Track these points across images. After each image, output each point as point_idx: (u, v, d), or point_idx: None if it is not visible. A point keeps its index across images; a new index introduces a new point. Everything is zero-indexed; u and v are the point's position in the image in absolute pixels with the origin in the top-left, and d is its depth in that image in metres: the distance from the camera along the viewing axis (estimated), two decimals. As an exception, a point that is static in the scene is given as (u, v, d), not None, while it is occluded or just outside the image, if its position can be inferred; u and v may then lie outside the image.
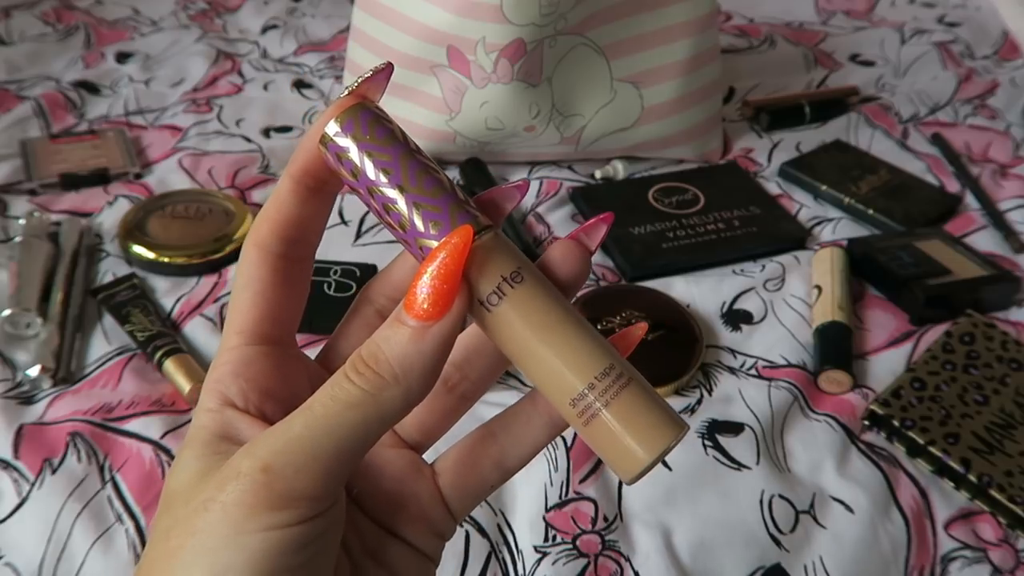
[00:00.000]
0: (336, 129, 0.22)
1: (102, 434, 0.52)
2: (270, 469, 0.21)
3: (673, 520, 0.49)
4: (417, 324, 0.21)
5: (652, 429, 0.22)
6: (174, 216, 0.69)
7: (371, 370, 0.21)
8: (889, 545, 0.49)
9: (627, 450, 0.22)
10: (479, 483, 0.27)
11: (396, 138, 0.23)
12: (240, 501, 0.20)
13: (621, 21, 0.73)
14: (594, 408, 0.22)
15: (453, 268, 0.21)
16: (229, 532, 0.20)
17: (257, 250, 0.24)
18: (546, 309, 0.22)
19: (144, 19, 1.03)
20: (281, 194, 0.24)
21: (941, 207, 0.76)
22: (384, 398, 0.21)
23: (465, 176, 0.77)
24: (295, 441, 0.21)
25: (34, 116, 0.83)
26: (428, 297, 0.21)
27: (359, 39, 0.76)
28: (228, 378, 0.24)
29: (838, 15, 1.12)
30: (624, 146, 0.78)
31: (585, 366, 0.22)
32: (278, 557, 0.20)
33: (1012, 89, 0.95)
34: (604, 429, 0.22)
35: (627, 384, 0.23)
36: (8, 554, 0.47)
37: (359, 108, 0.23)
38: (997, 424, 0.55)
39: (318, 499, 0.21)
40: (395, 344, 0.21)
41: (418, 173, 0.22)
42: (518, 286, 0.22)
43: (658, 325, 0.60)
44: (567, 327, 0.23)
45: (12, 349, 0.58)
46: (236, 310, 0.24)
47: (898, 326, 0.64)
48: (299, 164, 0.24)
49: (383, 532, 0.26)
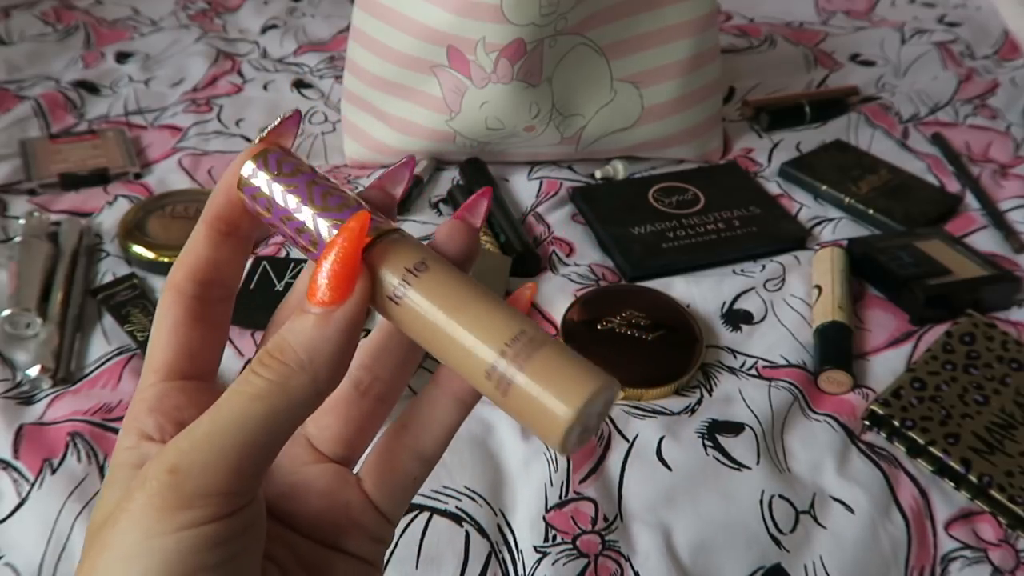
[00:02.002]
0: (250, 170, 0.24)
1: (102, 434, 0.52)
2: (177, 469, 0.20)
3: (673, 520, 0.49)
4: (320, 310, 0.22)
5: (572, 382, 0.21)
6: (174, 216, 0.69)
7: (276, 360, 0.21)
8: (889, 545, 0.49)
9: (547, 411, 0.21)
10: (402, 478, 0.26)
11: (302, 171, 0.24)
12: (148, 504, 0.20)
13: (621, 21, 0.73)
14: (508, 374, 0.21)
15: (350, 251, 0.22)
16: (139, 537, 0.20)
17: (172, 292, 0.25)
18: (451, 290, 0.22)
19: (144, 19, 1.03)
20: (195, 239, 0.25)
21: (941, 207, 0.76)
22: (291, 386, 0.21)
23: (465, 176, 0.77)
24: (201, 439, 0.21)
25: (34, 116, 0.83)
26: (329, 282, 0.22)
27: (359, 39, 0.76)
28: (143, 414, 0.24)
29: (838, 15, 1.12)
30: (624, 146, 0.78)
31: (494, 336, 0.22)
32: (193, 556, 0.20)
33: (1012, 89, 0.95)
34: (521, 395, 0.21)
35: (540, 345, 0.22)
36: (8, 554, 0.47)
37: (269, 151, 0.24)
38: (997, 424, 0.55)
39: (230, 495, 0.21)
40: (300, 332, 0.22)
41: (323, 194, 0.24)
42: (423, 274, 0.23)
43: (658, 325, 0.60)
44: (475, 304, 0.22)
45: (12, 349, 0.58)
46: (152, 350, 0.25)
47: (898, 326, 0.64)
48: (212, 210, 0.24)
49: (319, 547, 0.26)
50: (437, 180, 0.78)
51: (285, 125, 0.25)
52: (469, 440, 0.52)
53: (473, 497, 0.50)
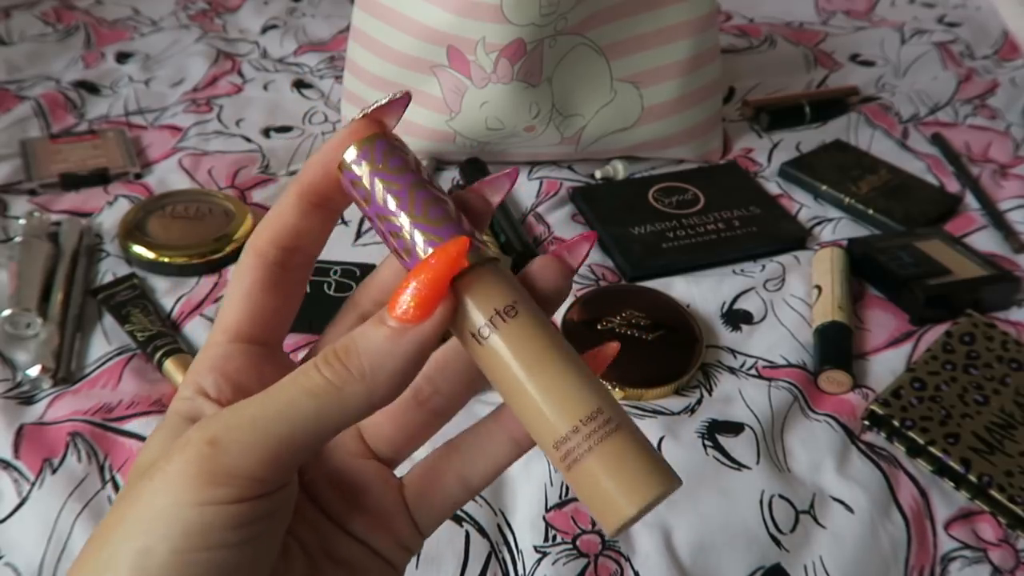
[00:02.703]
0: (353, 156, 0.23)
1: (102, 434, 0.52)
2: (217, 442, 0.20)
3: (673, 520, 0.49)
4: (396, 325, 0.21)
5: (638, 480, 0.21)
6: (174, 216, 0.69)
7: (340, 362, 0.21)
8: (889, 545, 0.49)
9: (610, 500, 0.21)
10: (443, 498, 0.26)
11: (408, 167, 0.23)
12: (183, 471, 0.20)
13: (621, 21, 0.73)
14: (577, 453, 0.21)
15: (441, 275, 0.21)
16: (168, 502, 0.20)
17: (254, 255, 0.24)
18: (537, 347, 0.22)
19: (144, 19, 1.03)
20: (284, 204, 0.24)
21: (941, 207, 0.76)
22: (347, 392, 0.21)
23: (465, 176, 0.77)
24: (247, 419, 0.21)
25: (34, 116, 0.83)
26: (412, 300, 0.21)
27: (359, 39, 0.76)
28: (205, 371, 0.24)
29: (838, 15, 1.12)
30: (624, 146, 0.78)
31: (571, 408, 0.22)
32: (214, 532, 0.20)
33: (1012, 89, 0.95)
34: (587, 476, 0.21)
35: (615, 430, 0.22)
36: (8, 554, 0.47)
37: (376, 137, 0.23)
38: (997, 424, 0.55)
39: (261, 481, 0.21)
40: (370, 341, 0.21)
41: (426, 203, 0.23)
42: (511, 320, 0.22)
43: (658, 325, 0.60)
44: (557, 366, 0.22)
45: (12, 349, 0.58)
46: (224, 309, 0.25)
47: (898, 326, 0.64)
48: (306, 180, 0.24)
49: (346, 536, 0.26)
50: (437, 180, 0.78)
51: (393, 105, 0.24)
52: (469, 440, 0.52)
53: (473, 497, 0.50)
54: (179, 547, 0.20)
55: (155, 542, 0.20)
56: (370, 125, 0.24)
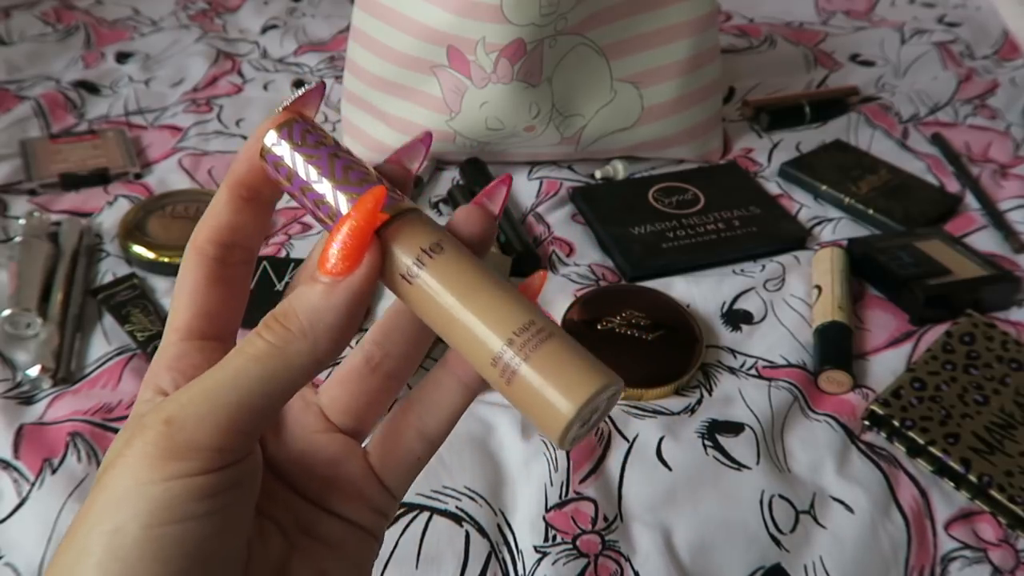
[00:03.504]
0: (273, 139, 0.24)
1: (102, 434, 0.53)
2: (172, 421, 0.21)
3: (673, 520, 0.49)
4: (327, 279, 0.22)
5: (575, 379, 0.21)
6: (174, 216, 0.69)
7: (280, 324, 0.22)
8: (889, 545, 0.49)
9: (549, 405, 0.21)
10: (405, 454, 0.27)
11: (324, 143, 0.24)
12: (143, 453, 0.21)
13: (621, 21, 0.73)
14: (513, 364, 0.22)
15: (363, 225, 0.22)
16: (131, 483, 0.21)
17: (194, 254, 0.25)
18: (464, 276, 0.23)
19: (144, 19, 1.03)
20: (217, 202, 0.25)
21: (941, 207, 0.76)
22: (291, 351, 0.22)
23: (465, 176, 0.77)
24: (199, 393, 0.22)
25: (34, 116, 0.83)
26: (339, 253, 0.22)
27: (359, 39, 0.76)
28: (162, 371, 0.25)
29: (838, 15, 1.12)
30: (624, 146, 0.78)
31: (502, 324, 0.22)
32: (180, 505, 0.21)
33: (1012, 89, 0.95)
34: (525, 385, 0.22)
35: (548, 337, 0.22)
36: (8, 554, 0.47)
37: (292, 121, 0.24)
38: (997, 424, 0.55)
39: (221, 450, 0.21)
40: (305, 299, 0.22)
41: (344, 168, 0.24)
42: (437, 256, 0.23)
43: (658, 325, 0.60)
44: (486, 290, 0.22)
45: (12, 349, 0.58)
46: (173, 309, 0.26)
47: (898, 326, 0.64)
48: (234, 175, 0.25)
49: (321, 511, 0.26)
50: (437, 180, 0.78)
51: (309, 95, 0.25)
52: (469, 440, 0.52)
53: (473, 497, 0.50)
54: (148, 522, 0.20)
55: (124, 521, 0.20)
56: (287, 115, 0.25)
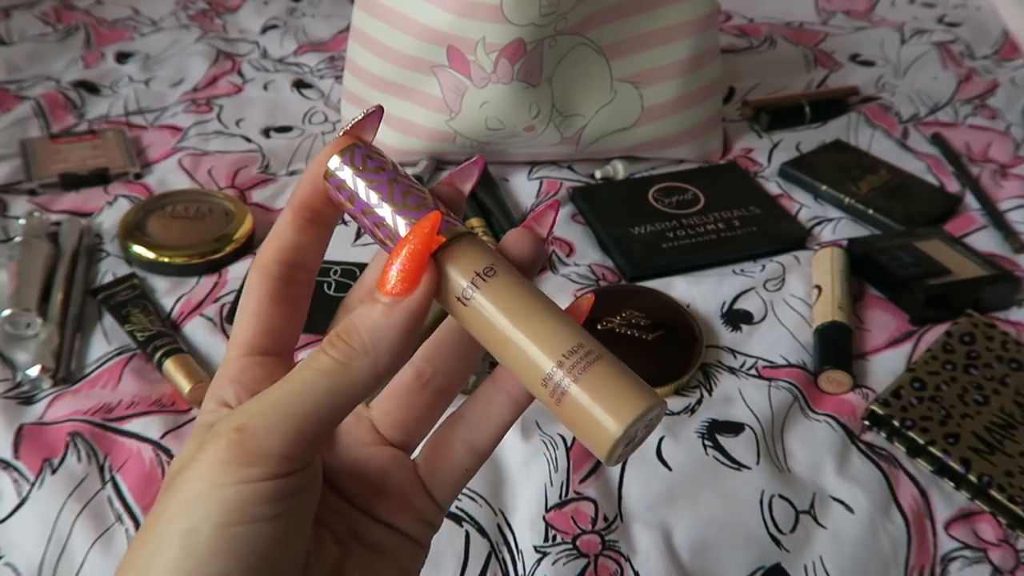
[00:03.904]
0: (337, 163, 0.26)
1: (102, 434, 0.53)
2: (244, 428, 0.23)
3: (673, 520, 0.49)
4: (388, 300, 0.24)
5: (622, 400, 0.23)
6: (174, 216, 0.69)
7: (343, 342, 0.24)
8: (889, 545, 0.49)
9: (598, 424, 0.23)
10: (453, 467, 0.28)
11: (385, 168, 0.26)
12: (216, 458, 0.22)
13: (621, 21, 0.73)
14: (563, 385, 0.23)
15: (420, 248, 0.24)
16: (205, 485, 0.22)
17: (259, 273, 0.27)
18: (516, 298, 0.24)
19: (144, 19, 1.03)
20: (282, 223, 0.27)
21: (941, 207, 0.76)
22: (354, 367, 0.23)
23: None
24: (269, 404, 0.23)
25: (34, 116, 0.83)
26: (398, 275, 0.24)
27: (359, 39, 0.76)
28: (225, 384, 0.26)
29: (838, 15, 1.12)
30: (624, 146, 0.78)
31: (553, 346, 0.23)
32: (249, 507, 0.22)
33: (1012, 89, 0.95)
34: (574, 405, 0.23)
35: (595, 360, 0.23)
36: (8, 554, 0.47)
37: (355, 146, 0.26)
38: (997, 424, 0.55)
39: (289, 458, 0.23)
40: (366, 318, 0.24)
41: (404, 193, 0.25)
42: (491, 279, 0.24)
43: (658, 325, 0.60)
44: (537, 313, 0.24)
45: (12, 349, 0.58)
46: (237, 326, 0.27)
47: (898, 326, 0.64)
48: (298, 197, 0.27)
49: (373, 521, 0.28)
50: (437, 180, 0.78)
51: (368, 120, 0.26)
52: (469, 440, 0.52)
53: (473, 497, 0.50)
54: (220, 522, 0.22)
55: (198, 521, 0.22)
56: (349, 139, 0.26)
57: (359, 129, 0.26)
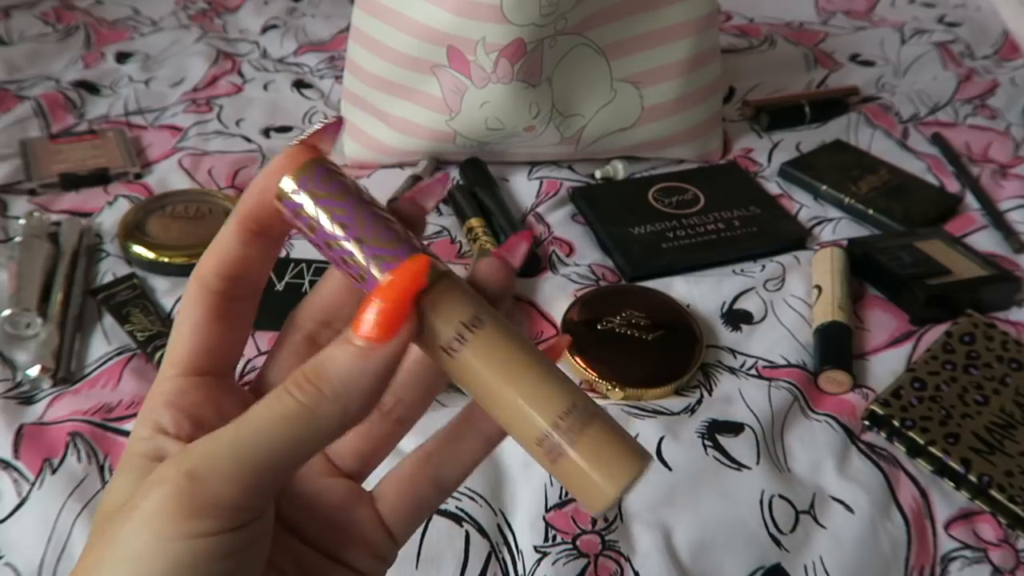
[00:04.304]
0: (292, 186, 0.23)
1: (102, 434, 0.53)
2: (195, 475, 0.20)
3: (673, 520, 0.49)
4: (363, 344, 0.21)
5: (616, 464, 0.23)
6: (174, 216, 0.69)
7: (312, 385, 0.21)
8: (889, 545, 0.49)
9: (594, 486, 0.23)
10: (418, 503, 0.27)
11: (350, 191, 0.23)
12: (162, 508, 0.20)
13: (621, 21, 0.73)
14: (560, 448, 0.23)
15: (405, 294, 0.22)
16: (150, 539, 0.20)
17: (198, 286, 0.24)
18: (507, 354, 0.23)
19: (144, 19, 1.03)
20: (225, 235, 0.24)
21: (941, 207, 0.76)
22: (321, 413, 0.21)
23: (465, 176, 0.77)
24: (224, 448, 0.21)
25: (34, 116, 0.83)
26: (377, 320, 0.21)
27: (359, 39, 0.76)
28: (161, 408, 0.24)
29: (838, 15, 1.12)
30: (624, 146, 0.78)
31: (549, 407, 0.23)
32: (201, 565, 0.20)
33: (1012, 89, 0.95)
34: (571, 467, 0.23)
35: (590, 421, 0.23)
36: (8, 554, 0.47)
37: (313, 164, 0.23)
38: (997, 424, 0.55)
39: (243, 509, 0.21)
40: (339, 362, 0.21)
41: (374, 224, 0.23)
42: (478, 331, 0.23)
43: (658, 325, 0.60)
44: (529, 370, 0.23)
45: (12, 349, 0.58)
46: (173, 343, 0.25)
47: (898, 326, 0.64)
48: (244, 209, 0.24)
49: (322, 557, 0.26)
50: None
51: (326, 130, 0.24)
52: (469, 440, 0.52)
53: (473, 497, 0.50)
54: None
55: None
56: (305, 151, 0.23)
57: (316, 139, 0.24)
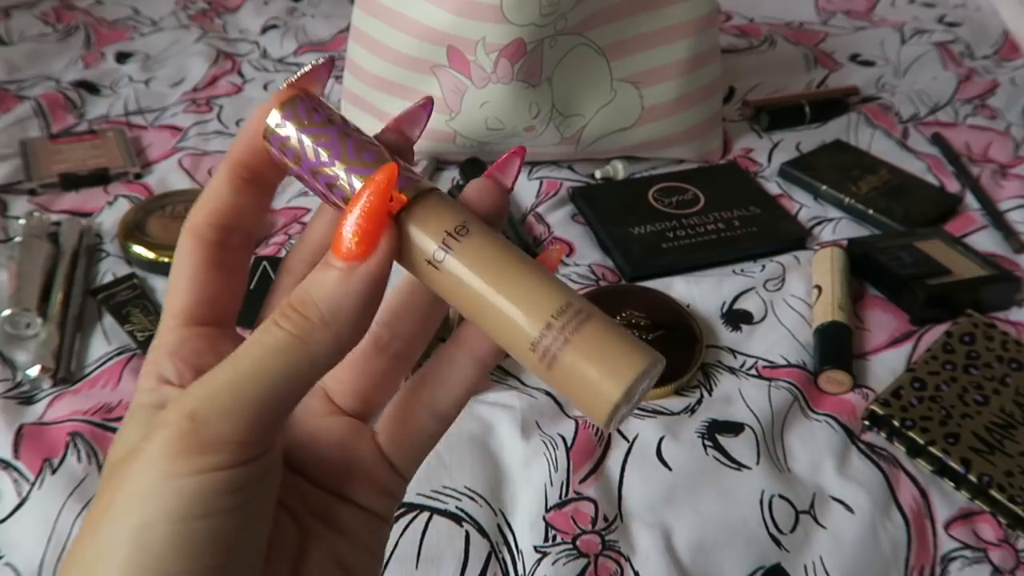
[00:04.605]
0: (277, 120, 0.23)
1: (102, 434, 0.53)
2: (196, 416, 0.20)
3: (673, 520, 0.49)
4: (344, 265, 0.21)
5: (619, 360, 0.21)
6: (174, 216, 0.69)
7: (298, 314, 0.21)
8: (889, 545, 0.49)
9: (595, 387, 0.21)
10: (416, 433, 0.26)
11: (334, 121, 0.23)
12: (166, 449, 0.20)
13: (621, 21, 0.73)
14: (554, 348, 0.21)
15: (377, 205, 0.21)
16: (157, 478, 0.20)
17: (191, 237, 0.24)
18: (495, 258, 0.22)
19: (144, 19, 1.03)
20: (216, 183, 0.24)
21: (941, 207, 0.76)
22: (312, 341, 0.21)
23: (465, 176, 0.77)
24: (221, 387, 0.21)
25: (34, 116, 0.83)
26: (354, 236, 0.21)
27: (359, 39, 0.76)
28: (163, 359, 0.24)
29: (838, 15, 1.12)
30: (624, 146, 0.78)
31: (540, 307, 0.21)
32: (209, 499, 0.20)
33: (1012, 89, 0.95)
34: (567, 369, 0.21)
35: (587, 319, 0.21)
36: (8, 554, 0.47)
37: (296, 98, 0.23)
38: (997, 424, 0.55)
39: (246, 444, 0.21)
40: (323, 287, 0.21)
41: (357, 148, 0.23)
42: (464, 239, 0.22)
43: (658, 325, 0.60)
44: (519, 272, 0.22)
45: (12, 349, 0.58)
46: (171, 294, 0.25)
47: (898, 326, 0.64)
48: (235, 155, 0.24)
49: (330, 496, 0.26)
50: (437, 180, 0.78)
51: (316, 72, 0.24)
52: (469, 440, 0.52)
53: (473, 497, 0.50)
54: (178, 516, 0.20)
55: (152, 516, 0.20)
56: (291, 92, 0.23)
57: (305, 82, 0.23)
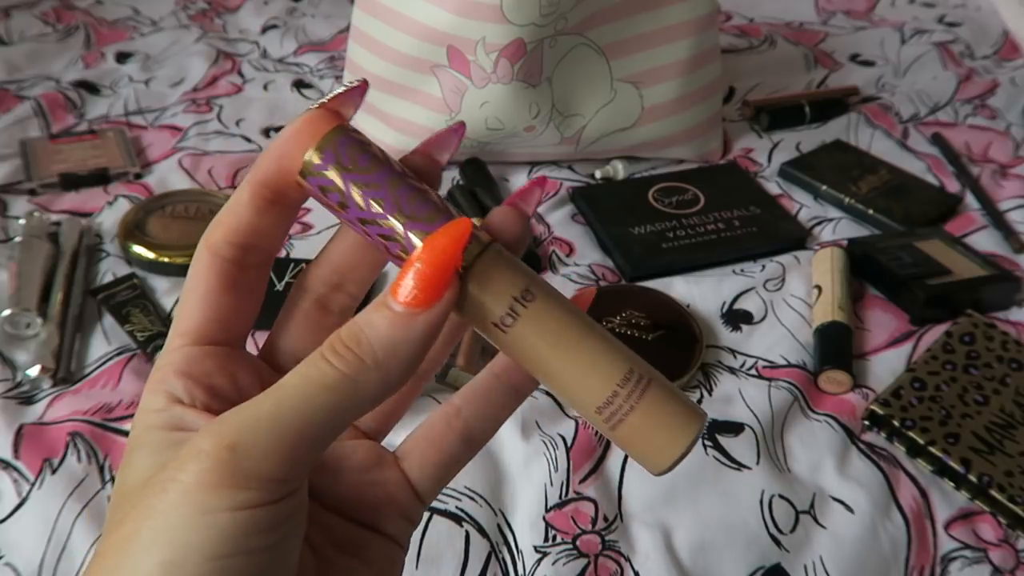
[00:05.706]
0: (317, 159, 0.22)
1: (102, 434, 0.53)
2: (236, 448, 0.20)
3: (673, 520, 0.49)
4: (403, 310, 0.21)
5: (676, 425, 0.23)
6: (174, 216, 0.69)
7: (351, 352, 0.21)
8: (889, 545, 0.49)
9: (657, 448, 0.23)
10: (448, 461, 0.26)
11: (381, 162, 0.22)
12: (203, 481, 0.19)
13: (621, 21, 0.73)
14: (620, 414, 0.23)
15: (448, 258, 0.21)
16: (191, 511, 0.19)
17: (208, 254, 0.23)
18: (561, 326, 0.23)
19: (144, 19, 1.03)
20: (237, 201, 0.23)
21: (941, 207, 0.76)
22: (362, 382, 0.21)
23: (465, 176, 0.77)
24: (264, 420, 0.20)
25: (34, 116, 0.83)
26: (418, 285, 0.21)
27: (359, 39, 0.76)
28: (172, 377, 0.23)
29: (838, 15, 1.12)
30: (624, 146, 0.78)
31: (608, 375, 0.23)
32: (243, 538, 0.19)
33: (1012, 89, 0.95)
34: (632, 431, 0.23)
35: (648, 385, 0.23)
36: (8, 554, 0.47)
37: (337, 133, 0.22)
38: (997, 424, 0.55)
39: (285, 481, 0.20)
40: (379, 328, 0.21)
41: (411, 199, 0.22)
42: (530, 305, 0.22)
43: (658, 325, 0.60)
44: (584, 340, 0.23)
45: (12, 349, 0.58)
46: (182, 312, 0.24)
47: (898, 326, 0.64)
48: (259, 175, 0.23)
49: (348, 522, 0.25)
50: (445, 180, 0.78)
51: (350, 94, 0.23)
52: (469, 440, 0.52)
53: (473, 497, 0.50)
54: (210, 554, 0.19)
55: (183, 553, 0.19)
56: (327, 117, 0.22)
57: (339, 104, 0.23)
